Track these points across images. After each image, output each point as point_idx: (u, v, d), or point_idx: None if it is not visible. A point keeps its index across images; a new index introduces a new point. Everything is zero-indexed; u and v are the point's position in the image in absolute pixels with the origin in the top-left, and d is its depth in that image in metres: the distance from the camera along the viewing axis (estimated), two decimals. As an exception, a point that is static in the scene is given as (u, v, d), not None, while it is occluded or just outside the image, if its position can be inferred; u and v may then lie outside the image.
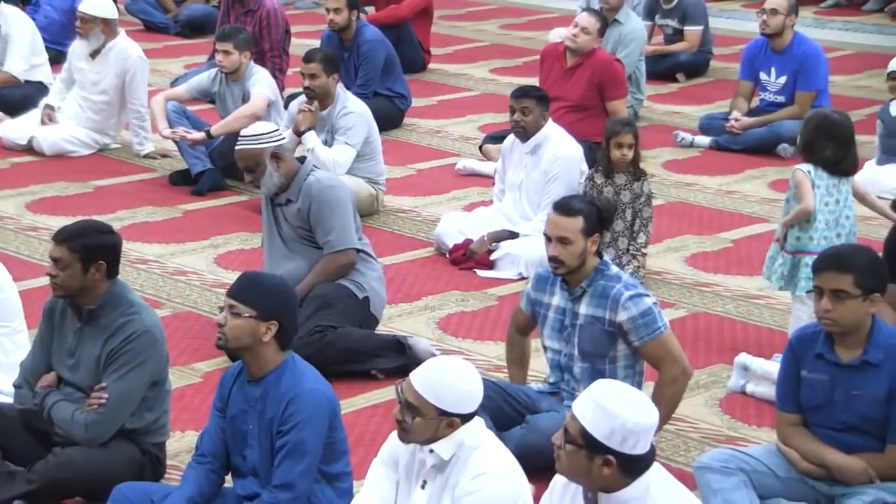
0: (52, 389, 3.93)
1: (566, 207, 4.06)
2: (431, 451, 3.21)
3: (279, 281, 3.68)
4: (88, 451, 3.82)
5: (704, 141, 7.61)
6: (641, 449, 2.89)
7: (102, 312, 3.86)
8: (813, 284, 3.76)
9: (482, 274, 5.82)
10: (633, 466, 2.90)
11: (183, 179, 6.92)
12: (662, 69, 8.88)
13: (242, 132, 5.06)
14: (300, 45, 8.60)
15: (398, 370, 4.84)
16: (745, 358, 4.69)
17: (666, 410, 3.93)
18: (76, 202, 6.64)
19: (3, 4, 7.90)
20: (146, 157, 7.32)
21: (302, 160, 5.06)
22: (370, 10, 9.20)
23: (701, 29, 9.04)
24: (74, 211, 6.35)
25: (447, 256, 5.99)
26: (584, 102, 6.98)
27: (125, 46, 7.27)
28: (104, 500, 3.67)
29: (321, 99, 6.34)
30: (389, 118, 7.74)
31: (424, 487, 3.25)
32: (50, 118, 7.34)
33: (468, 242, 5.95)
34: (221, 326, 3.55)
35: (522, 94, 5.96)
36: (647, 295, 4.07)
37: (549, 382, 4.27)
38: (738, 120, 7.51)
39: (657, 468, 2.96)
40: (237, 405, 3.56)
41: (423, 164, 7.38)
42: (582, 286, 4.07)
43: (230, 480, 3.68)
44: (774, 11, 7.37)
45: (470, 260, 5.89)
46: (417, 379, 3.20)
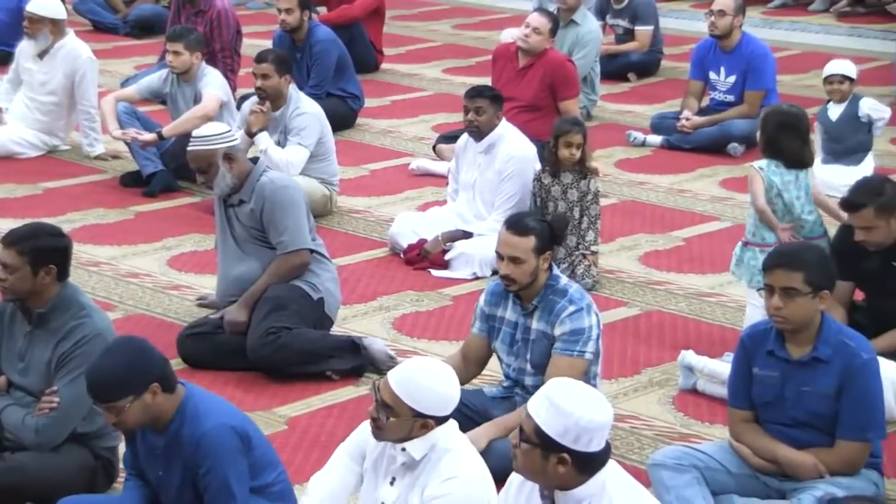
0: (1, 394, 3.88)
1: (518, 226, 4.04)
2: (403, 449, 3.22)
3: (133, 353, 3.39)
4: (39, 455, 3.78)
5: (656, 140, 7.67)
6: (596, 446, 2.91)
7: (53, 316, 3.82)
8: (764, 282, 3.81)
9: (437, 274, 5.82)
10: (588, 464, 2.91)
11: (134, 181, 6.86)
12: (614, 69, 8.93)
13: (194, 133, 5.02)
14: (252, 45, 8.55)
15: (353, 371, 4.84)
16: (688, 358, 4.71)
17: None
18: (25, 204, 6.56)
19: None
20: (96, 158, 7.25)
21: (255, 161, 5.03)
22: (322, 10, 9.17)
23: (651, 29, 9.10)
24: (23, 213, 6.27)
25: (401, 256, 5.99)
26: (536, 102, 7.00)
27: (74, 47, 7.19)
28: (55, 505, 3.63)
29: (273, 100, 6.31)
30: (342, 118, 7.72)
31: (393, 484, 3.26)
32: (-3, 120, 7.25)
33: (422, 242, 5.95)
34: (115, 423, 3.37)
35: (476, 93, 5.97)
36: (589, 314, 4.04)
37: (503, 386, 4.28)
38: (688, 119, 7.57)
39: (613, 465, 2.97)
40: (142, 451, 3.46)
41: (376, 164, 7.38)
42: (534, 302, 4.09)
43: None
44: (722, 12, 7.44)
45: (424, 260, 5.89)
46: (395, 379, 3.20)
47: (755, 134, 5.30)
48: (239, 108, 6.76)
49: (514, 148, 5.95)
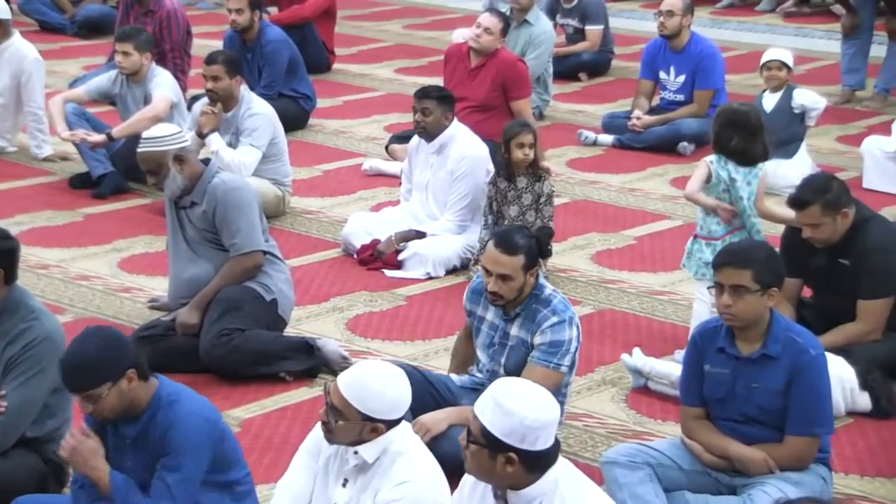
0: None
1: (507, 245, 4.00)
2: (356, 452, 3.22)
3: (105, 342, 3.37)
4: (-12, 461, 3.73)
5: (607, 139, 7.72)
6: (543, 445, 2.91)
7: (1, 319, 3.78)
8: (714, 280, 3.85)
9: (390, 274, 5.82)
10: (536, 463, 2.92)
11: (83, 183, 6.79)
12: (565, 69, 8.97)
13: (144, 134, 4.99)
14: (202, 45, 8.50)
15: (307, 372, 4.82)
16: (634, 360, 4.74)
17: None
18: (-28, 207, 6.49)
19: None
20: (45, 160, 7.17)
21: (206, 162, 5.00)
22: (273, 10, 9.14)
23: (601, 28, 9.16)
24: (-30, 216, 6.20)
25: (355, 257, 5.98)
26: (488, 102, 7.02)
27: (20, 47, 7.11)
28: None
29: (224, 101, 6.28)
30: (294, 119, 7.69)
31: (345, 486, 3.25)
32: (-57, 122, 7.15)
33: (376, 243, 5.94)
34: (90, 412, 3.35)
35: (423, 94, 5.98)
36: (570, 327, 4.04)
37: (474, 375, 4.27)
38: (639, 118, 7.63)
39: (564, 463, 2.98)
40: (111, 445, 3.43)
41: (329, 164, 7.36)
42: (517, 310, 4.09)
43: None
44: (671, 13, 7.50)
45: (378, 260, 5.89)
46: (344, 382, 3.19)
47: (705, 133, 5.36)
48: (189, 109, 6.71)
49: (465, 148, 5.96)
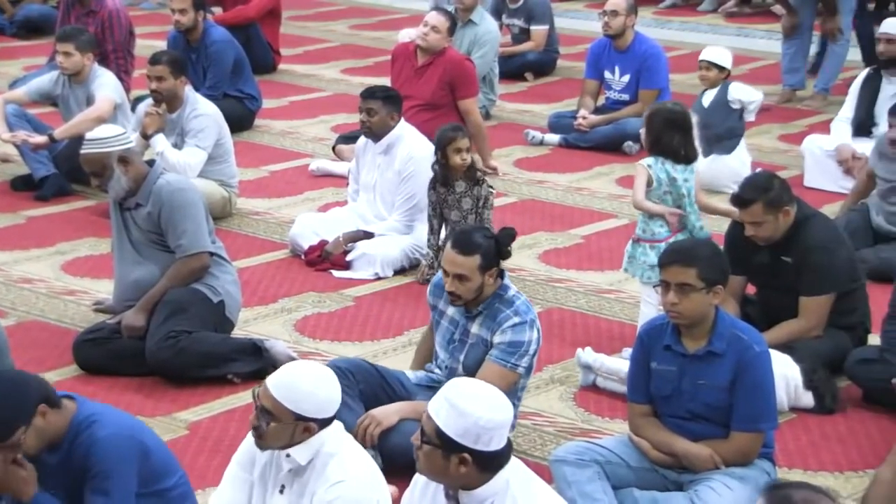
0: None
1: (463, 245, 4.00)
2: (288, 455, 3.19)
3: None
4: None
5: (554, 139, 7.76)
6: (496, 445, 2.93)
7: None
8: (659, 279, 3.89)
9: (338, 275, 5.81)
10: (489, 463, 2.93)
11: (25, 185, 6.71)
12: (511, 68, 9.01)
13: (87, 136, 4.94)
14: (145, 46, 8.43)
15: (255, 374, 4.80)
16: (584, 356, 4.77)
17: None
18: (-89, 210, 6.38)
19: None
20: (-14, 162, 7.08)
21: (151, 164, 4.97)
22: (217, 10, 9.08)
23: (546, 28, 9.21)
24: None
25: (302, 258, 5.96)
26: (435, 101, 7.03)
27: (-41, 47, 7.01)
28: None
29: (169, 101, 6.23)
30: (240, 120, 7.65)
31: (283, 492, 3.23)
32: None
33: (323, 243, 5.93)
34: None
35: (369, 94, 5.97)
36: (531, 329, 4.04)
37: (431, 372, 4.27)
38: (585, 118, 7.68)
39: (515, 463, 3.00)
40: (40, 474, 3.30)
41: (275, 165, 7.33)
42: (479, 308, 4.09)
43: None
44: (615, 13, 7.56)
45: (325, 261, 5.87)
46: (273, 384, 3.17)
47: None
48: (133, 110, 6.65)
49: (412, 148, 5.96)
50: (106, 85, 6.63)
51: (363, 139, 6.13)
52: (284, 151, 7.58)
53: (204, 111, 6.27)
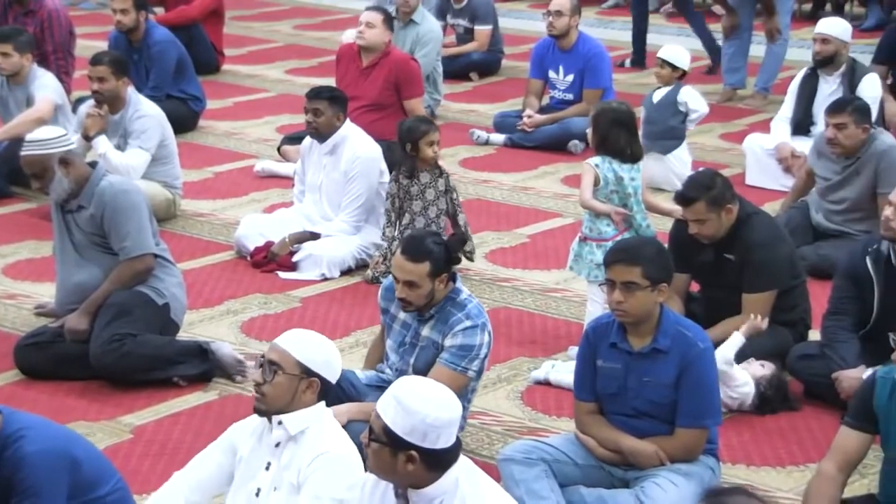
0: None
1: (412, 252, 3.99)
2: (280, 423, 3.27)
3: None
4: None
5: (499, 138, 7.79)
6: (444, 443, 2.94)
7: None
8: (605, 277, 3.92)
9: (284, 276, 5.79)
10: (437, 461, 2.94)
11: (-36, 187, 6.62)
12: (456, 68, 9.03)
13: (28, 137, 4.89)
14: (86, 47, 8.34)
15: (201, 376, 4.77)
16: (538, 374, 4.80)
17: None
18: None
19: None
20: (-77, 164, 6.96)
21: (93, 165, 4.91)
22: (159, 10, 9.00)
23: (490, 28, 9.24)
24: None
25: (248, 259, 5.93)
26: (381, 101, 7.03)
27: None
28: None
29: (111, 103, 6.17)
30: (184, 121, 7.60)
31: (269, 469, 3.30)
32: None
33: (269, 245, 5.90)
34: None
35: (314, 95, 5.96)
36: (483, 333, 4.04)
37: (382, 372, 4.28)
38: (530, 117, 7.72)
39: (465, 462, 3.01)
40: None
41: (220, 166, 7.28)
42: (431, 312, 4.09)
43: None
44: (559, 13, 7.61)
45: (272, 262, 5.85)
46: (282, 339, 3.33)
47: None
48: (75, 111, 6.58)
49: (358, 148, 5.96)
50: (46, 86, 6.55)
51: (309, 140, 6.11)
52: (229, 152, 7.54)
53: (147, 112, 6.22)
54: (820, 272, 5.51)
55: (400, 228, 5.68)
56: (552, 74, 7.76)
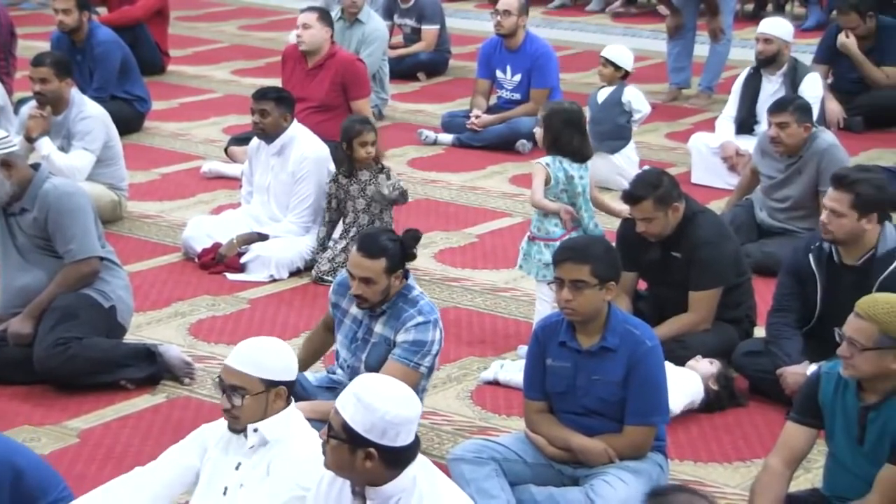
0: None
1: (368, 249, 4.00)
2: (256, 430, 3.28)
3: None
4: None
5: (447, 138, 7.80)
6: (403, 441, 2.94)
7: None
8: (554, 276, 3.94)
9: (232, 277, 5.76)
10: (395, 459, 2.94)
11: None
12: (403, 69, 9.03)
13: (-31, 140, 4.81)
14: (27, 47, 8.23)
15: (148, 379, 4.73)
16: (489, 375, 4.81)
17: None
18: None
19: None
20: None
21: (36, 167, 4.85)
22: (102, 10, 8.91)
23: (437, 28, 9.24)
24: None
25: (196, 261, 5.89)
26: (328, 102, 7.01)
27: None
28: None
29: (54, 104, 6.10)
30: (129, 122, 7.52)
31: (238, 469, 3.31)
32: None
33: (217, 246, 5.87)
34: None
35: (261, 95, 5.94)
36: (434, 329, 4.06)
37: (332, 373, 4.26)
38: (478, 117, 7.73)
39: (423, 461, 3.01)
40: None
41: (166, 167, 7.22)
42: (383, 307, 4.09)
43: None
44: (507, 12, 7.63)
45: (219, 264, 5.82)
46: (233, 360, 3.29)
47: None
48: (16, 112, 6.50)
49: (306, 149, 5.94)
50: (-14, 87, 6.46)
51: (256, 141, 6.08)
52: (175, 153, 7.48)
53: (91, 113, 6.15)
54: (764, 269, 5.58)
55: (344, 226, 5.69)
56: (499, 74, 7.79)
